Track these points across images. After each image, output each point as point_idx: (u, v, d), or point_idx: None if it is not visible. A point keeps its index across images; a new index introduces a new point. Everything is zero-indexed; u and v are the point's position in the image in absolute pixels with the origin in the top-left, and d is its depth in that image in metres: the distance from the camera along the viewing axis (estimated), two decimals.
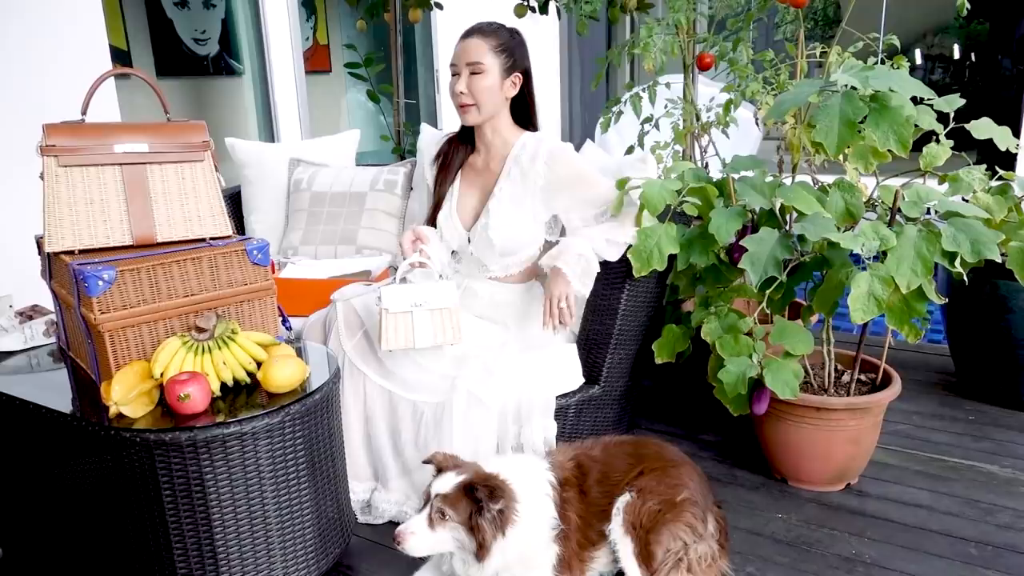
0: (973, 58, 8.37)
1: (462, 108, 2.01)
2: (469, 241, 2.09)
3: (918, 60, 8.69)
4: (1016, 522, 1.89)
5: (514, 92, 2.04)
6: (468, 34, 2.00)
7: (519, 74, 2.03)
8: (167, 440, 1.43)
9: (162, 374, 1.51)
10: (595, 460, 1.72)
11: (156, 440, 1.43)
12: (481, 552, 1.50)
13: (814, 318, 2.20)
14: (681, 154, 2.59)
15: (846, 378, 2.10)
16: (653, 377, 2.84)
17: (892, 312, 1.74)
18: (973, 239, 1.67)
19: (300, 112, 5.67)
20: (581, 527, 1.63)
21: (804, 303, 2.10)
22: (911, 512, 1.95)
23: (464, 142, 2.15)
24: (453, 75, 2.01)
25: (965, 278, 1.75)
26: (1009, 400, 2.52)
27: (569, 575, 1.60)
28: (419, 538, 1.50)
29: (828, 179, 2.02)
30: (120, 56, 4.78)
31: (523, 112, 2.08)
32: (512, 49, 2.01)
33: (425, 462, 1.63)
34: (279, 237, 2.77)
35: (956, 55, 8.48)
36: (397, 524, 1.89)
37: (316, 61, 6.32)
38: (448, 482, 1.53)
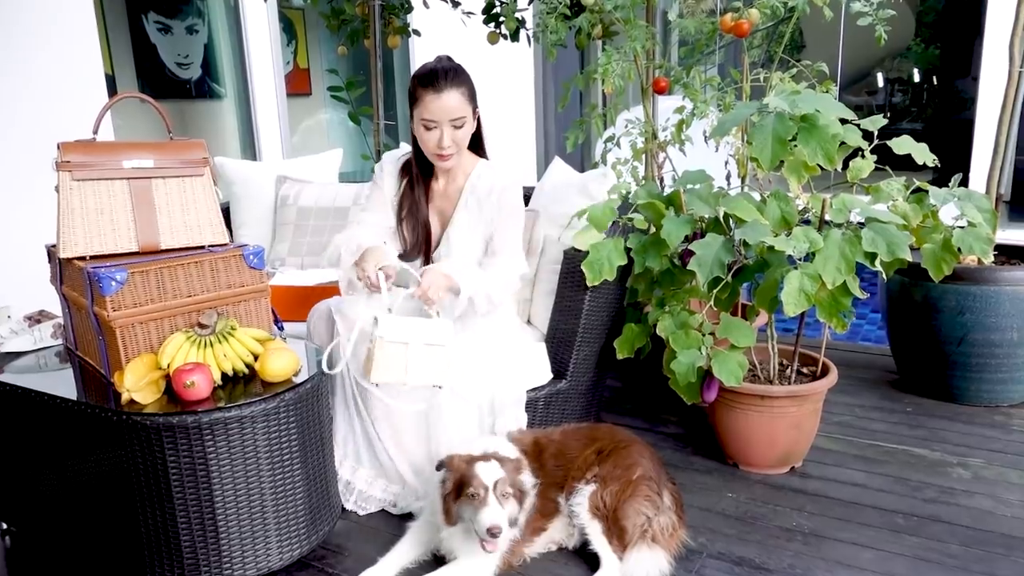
0: (935, 81, 8.78)
1: (443, 158, 2.06)
2: (431, 261, 2.22)
3: (880, 83, 9.08)
4: (940, 496, 2.11)
5: (474, 127, 2.12)
6: (442, 86, 1.98)
7: (477, 110, 2.11)
8: (175, 423, 1.60)
9: (169, 365, 1.68)
10: (552, 440, 1.92)
11: (164, 423, 1.60)
12: (519, 516, 1.73)
13: (759, 319, 2.43)
14: (642, 170, 2.81)
15: (789, 371, 2.31)
16: (619, 377, 3.05)
17: (821, 306, 1.95)
18: (888, 241, 1.89)
19: (281, 134, 5.85)
20: (540, 493, 1.83)
21: (749, 304, 2.32)
22: (847, 490, 2.16)
23: (423, 170, 2.19)
24: (429, 129, 2.01)
25: (884, 276, 1.97)
26: (941, 393, 2.75)
27: (520, 540, 1.80)
28: (504, 523, 1.66)
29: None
30: (106, 80, 4.94)
31: (475, 140, 2.16)
32: (474, 90, 2.07)
33: (439, 467, 1.79)
34: (267, 249, 2.94)
35: (916, 78, 8.88)
36: (384, 511, 2.08)
37: (297, 84, 6.51)
38: (492, 468, 1.71)
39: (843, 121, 2.05)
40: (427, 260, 2.22)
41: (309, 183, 3.04)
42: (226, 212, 3.08)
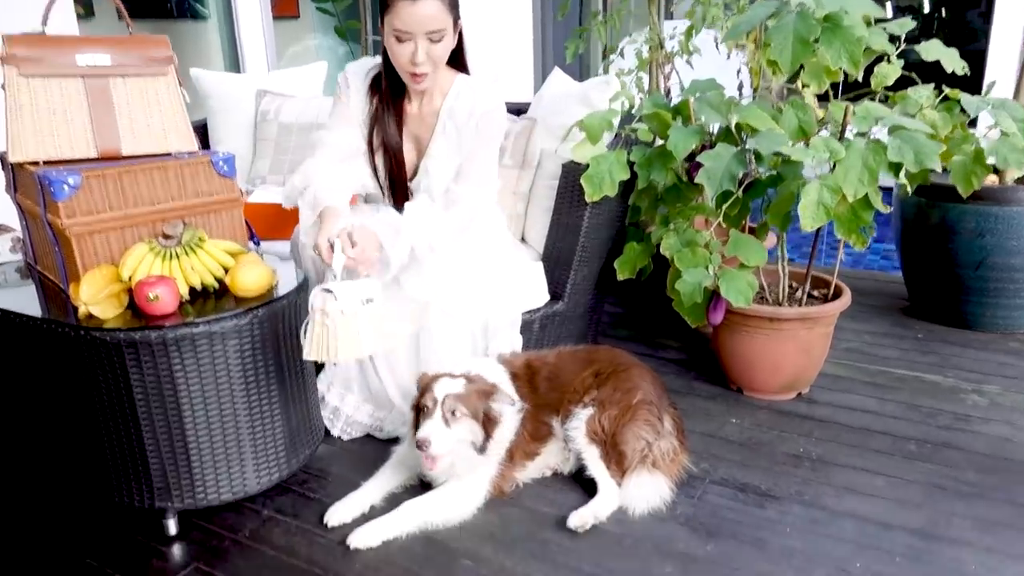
0: (943, 12, 8.44)
1: (418, 77, 1.81)
2: (410, 192, 2.02)
3: (888, 13, 8.74)
4: (955, 423, 2.01)
5: (455, 43, 1.86)
6: None
7: (459, 22, 1.85)
8: (137, 339, 1.47)
9: (130, 277, 1.55)
10: (546, 362, 1.81)
11: (126, 339, 1.47)
12: (487, 443, 1.62)
13: (767, 242, 2.29)
14: (647, 83, 2.63)
15: (799, 294, 2.18)
16: (618, 302, 2.93)
17: (840, 221, 1.81)
18: (916, 150, 1.74)
19: (268, 58, 5.58)
20: (531, 417, 1.73)
21: (757, 226, 2.18)
22: (857, 416, 2.06)
23: (394, 89, 1.93)
24: (401, 42, 1.76)
25: (908, 188, 1.83)
26: (954, 319, 2.64)
27: (511, 465, 1.70)
28: (439, 437, 1.57)
29: None
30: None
31: (454, 53, 1.88)
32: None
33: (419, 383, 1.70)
34: (247, 167, 2.78)
35: (926, 7, 8.53)
36: (370, 437, 1.99)
37: (283, 6, 6.20)
38: (453, 384, 1.62)
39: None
40: (401, 193, 2.02)
41: (291, 97, 2.85)
42: (203, 128, 2.91)
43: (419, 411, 1.64)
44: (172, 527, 1.63)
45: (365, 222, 1.80)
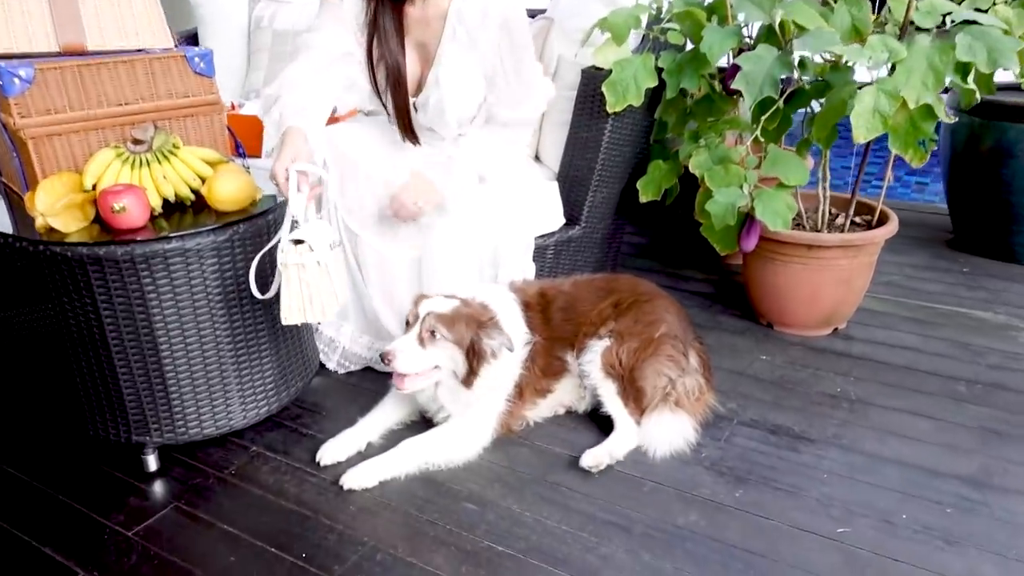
0: None
1: None
2: (415, 109, 1.79)
3: None
4: (1006, 363, 1.84)
5: None
6: None
7: None
8: (102, 255, 1.30)
9: (94, 187, 1.37)
10: (561, 291, 1.65)
11: (90, 255, 1.30)
12: (471, 377, 1.47)
13: (809, 162, 2.08)
14: None
15: (840, 220, 1.99)
16: (640, 232, 2.75)
17: (896, 133, 1.60)
18: (991, 47, 1.51)
19: None
20: (544, 350, 1.58)
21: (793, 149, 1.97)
22: (899, 354, 1.89)
23: None
24: None
25: (978, 93, 1.61)
26: (1003, 252, 2.44)
27: (520, 402, 1.55)
28: (407, 355, 1.43)
29: None
30: None
31: None
32: None
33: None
34: (241, 79, 2.58)
35: None
36: (369, 369, 1.84)
37: None
38: (441, 304, 1.47)
39: None
40: (404, 113, 1.78)
41: (287, 3, 2.62)
42: (192, 39, 2.69)
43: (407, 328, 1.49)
44: (152, 463, 1.50)
45: (417, 167, 1.66)
